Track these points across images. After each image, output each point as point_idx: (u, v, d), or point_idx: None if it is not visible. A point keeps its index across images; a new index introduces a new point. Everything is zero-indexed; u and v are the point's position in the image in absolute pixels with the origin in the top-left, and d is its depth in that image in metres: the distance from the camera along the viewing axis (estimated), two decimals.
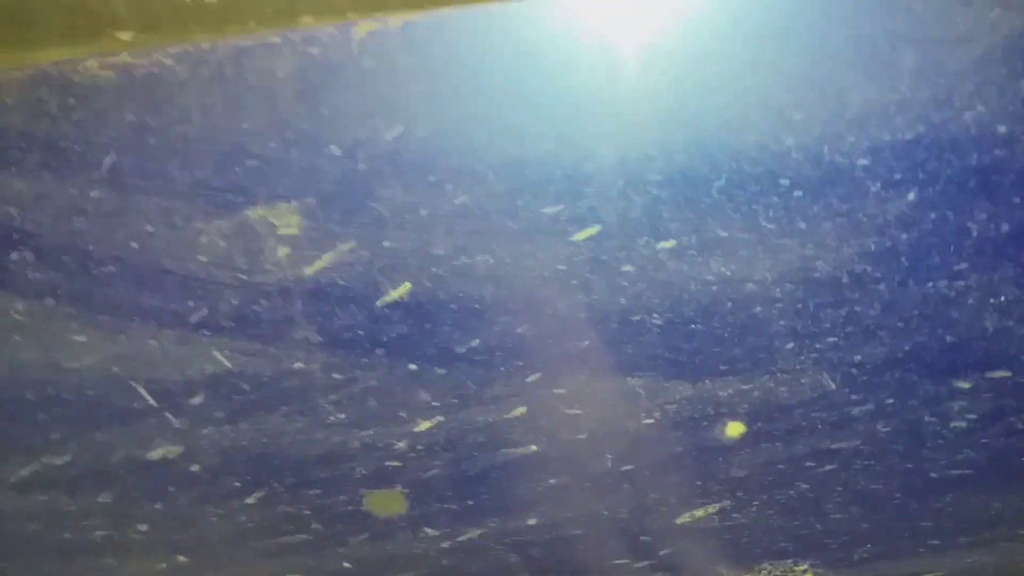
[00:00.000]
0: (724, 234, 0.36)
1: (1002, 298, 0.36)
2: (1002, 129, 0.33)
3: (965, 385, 0.38)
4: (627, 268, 0.37)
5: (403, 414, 0.42)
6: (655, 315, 0.38)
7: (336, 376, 0.41)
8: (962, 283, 0.36)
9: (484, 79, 0.35)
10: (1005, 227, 0.35)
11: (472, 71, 0.35)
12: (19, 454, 0.44)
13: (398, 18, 0.34)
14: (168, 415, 0.42)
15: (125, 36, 0.35)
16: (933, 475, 0.40)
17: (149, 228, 0.38)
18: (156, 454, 0.43)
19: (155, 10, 0.34)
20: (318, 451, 0.43)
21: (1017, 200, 0.34)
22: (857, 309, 0.37)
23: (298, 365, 0.41)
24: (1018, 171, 0.34)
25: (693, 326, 0.38)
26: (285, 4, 0.34)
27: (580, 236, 0.37)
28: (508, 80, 0.35)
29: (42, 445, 0.43)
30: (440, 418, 0.42)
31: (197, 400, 0.42)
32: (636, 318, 0.38)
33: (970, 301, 0.36)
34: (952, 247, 0.35)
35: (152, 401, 0.42)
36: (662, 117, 0.35)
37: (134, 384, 0.42)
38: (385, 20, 0.34)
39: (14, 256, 0.39)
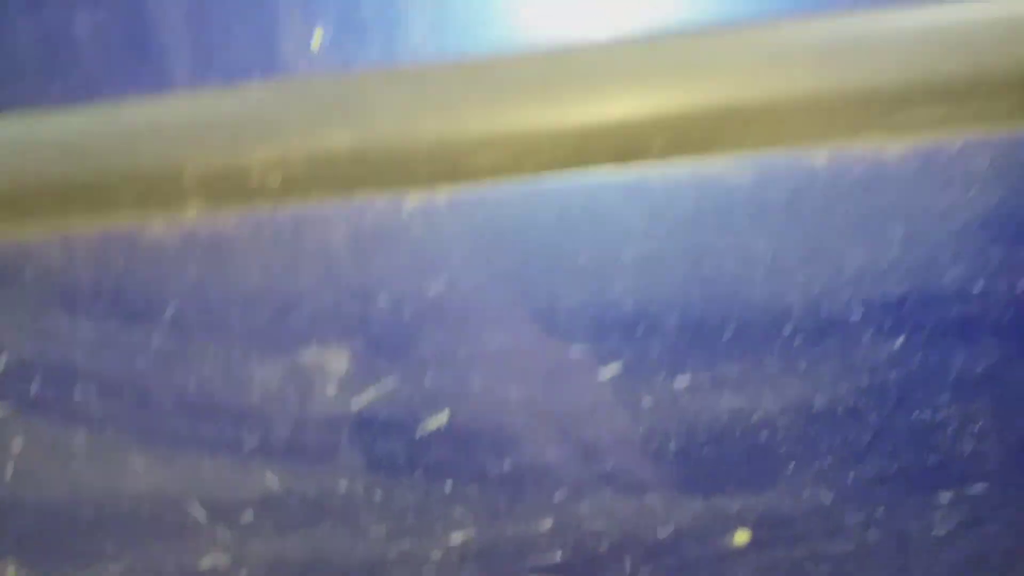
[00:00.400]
0: (733, 373, 0.42)
1: (978, 425, 0.43)
2: (977, 287, 0.40)
3: (946, 498, 0.45)
4: (647, 400, 0.43)
5: (438, 527, 0.48)
6: (671, 441, 0.44)
7: (377, 495, 0.47)
8: (943, 413, 0.42)
9: (519, 243, 0.41)
10: (980, 367, 0.41)
11: (509, 237, 0.41)
12: (74, 564, 0.49)
13: (444, 192, 0.40)
14: (219, 529, 0.48)
15: (193, 208, 0.41)
16: (915, 572, 0.47)
17: (207, 368, 0.44)
18: (206, 563, 0.48)
19: (222, 188, 0.40)
20: (359, 559, 0.49)
21: (990, 345, 0.41)
22: (850, 435, 0.43)
23: (342, 486, 0.47)
24: (991, 321, 0.41)
25: (706, 450, 0.44)
26: (342, 182, 0.40)
27: (603, 373, 0.43)
28: (540, 244, 0.41)
29: (97, 555, 0.49)
30: (472, 530, 0.48)
31: (247, 516, 0.48)
32: (654, 444, 0.44)
33: (950, 428, 0.43)
34: (934, 384, 0.42)
35: (204, 517, 0.48)
36: (678, 275, 0.41)
37: (187, 503, 0.48)
38: (432, 193, 0.40)
39: (77, 392, 0.44)
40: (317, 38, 0.37)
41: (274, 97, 0.38)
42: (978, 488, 0.46)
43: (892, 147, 0.38)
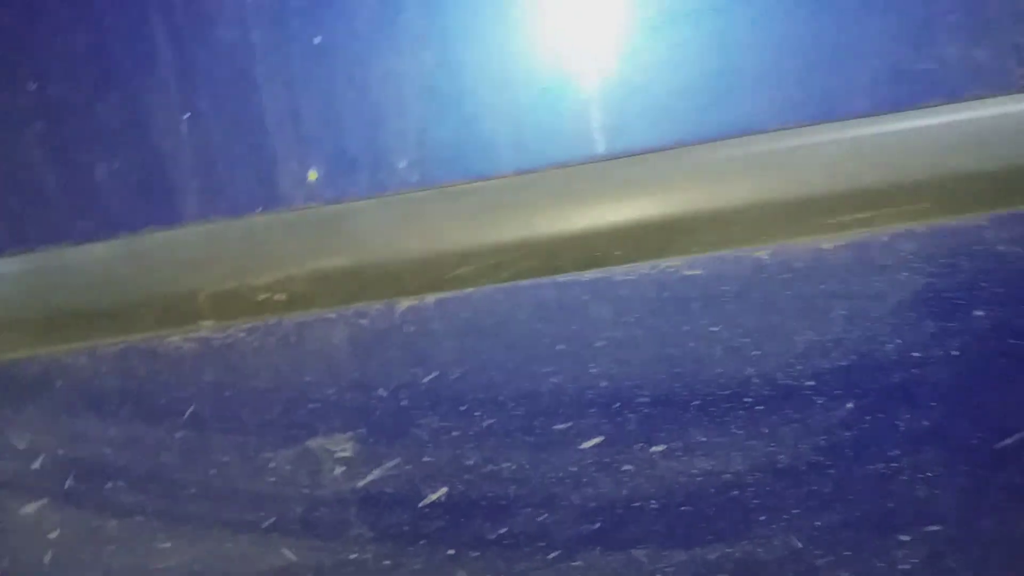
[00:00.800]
0: (703, 439, 0.52)
1: (928, 473, 0.52)
2: (917, 355, 0.49)
3: (906, 538, 0.54)
4: (627, 467, 0.53)
5: None
6: (652, 501, 0.54)
7: (386, 563, 0.57)
8: (896, 464, 0.52)
9: (502, 336, 0.50)
10: (925, 423, 0.51)
11: (492, 331, 0.50)
12: None
13: (432, 296, 0.50)
14: None
15: (207, 324, 0.50)
16: None
17: (225, 459, 0.54)
18: None
19: (232, 306, 0.50)
20: None
21: (932, 404, 0.51)
22: (814, 488, 0.53)
23: (353, 555, 0.56)
24: (931, 383, 0.50)
25: (684, 508, 0.54)
26: (341, 297, 0.49)
27: (587, 445, 0.53)
28: (521, 336, 0.50)
29: None
30: None
31: None
32: (637, 504, 0.54)
33: (903, 477, 0.52)
34: (885, 440, 0.52)
35: None
36: (647, 357, 0.51)
37: None
38: (422, 298, 0.50)
39: (108, 485, 0.54)
40: (312, 173, 0.47)
41: (277, 226, 0.47)
42: (934, 528, 0.55)
43: (828, 242, 0.47)
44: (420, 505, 0.54)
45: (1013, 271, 0.47)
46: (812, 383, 0.50)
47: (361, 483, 0.54)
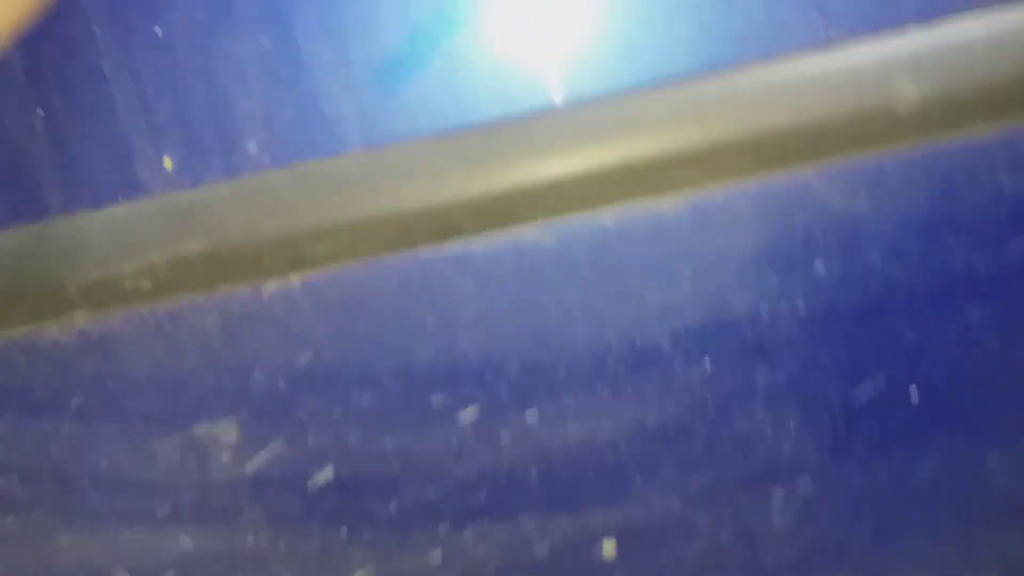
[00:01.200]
0: (573, 404, 0.55)
1: (791, 426, 0.55)
2: (765, 309, 0.52)
3: (780, 492, 0.57)
4: (504, 435, 0.56)
5: (340, 568, 0.60)
6: (531, 468, 0.57)
7: (281, 545, 0.59)
8: (758, 420, 0.55)
9: (371, 313, 0.53)
10: (782, 375, 0.54)
11: (361, 308, 0.53)
12: None
13: (296, 276, 0.53)
14: None
15: (80, 315, 0.53)
16: (766, 561, 0.59)
17: (114, 450, 0.56)
18: None
19: (101, 295, 0.52)
20: None
21: (786, 358, 0.53)
22: (683, 447, 0.56)
23: (249, 540, 0.59)
24: (782, 337, 0.53)
25: (562, 474, 0.57)
26: (204, 281, 0.52)
27: (463, 416, 0.55)
28: (389, 312, 0.53)
29: None
30: (371, 566, 0.60)
31: (168, 575, 0.60)
32: (517, 472, 0.57)
33: (767, 432, 0.55)
34: (743, 394, 0.55)
35: None
36: (512, 326, 0.53)
37: (113, 570, 0.60)
38: (286, 278, 0.53)
39: (1, 483, 0.57)
40: (168, 161, 0.50)
41: (137, 214, 0.50)
42: (804, 481, 0.58)
43: (667, 203, 0.50)
44: (309, 487, 0.57)
45: (842, 221, 0.50)
46: (668, 343, 0.53)
47: (249, 468, 0.56)
